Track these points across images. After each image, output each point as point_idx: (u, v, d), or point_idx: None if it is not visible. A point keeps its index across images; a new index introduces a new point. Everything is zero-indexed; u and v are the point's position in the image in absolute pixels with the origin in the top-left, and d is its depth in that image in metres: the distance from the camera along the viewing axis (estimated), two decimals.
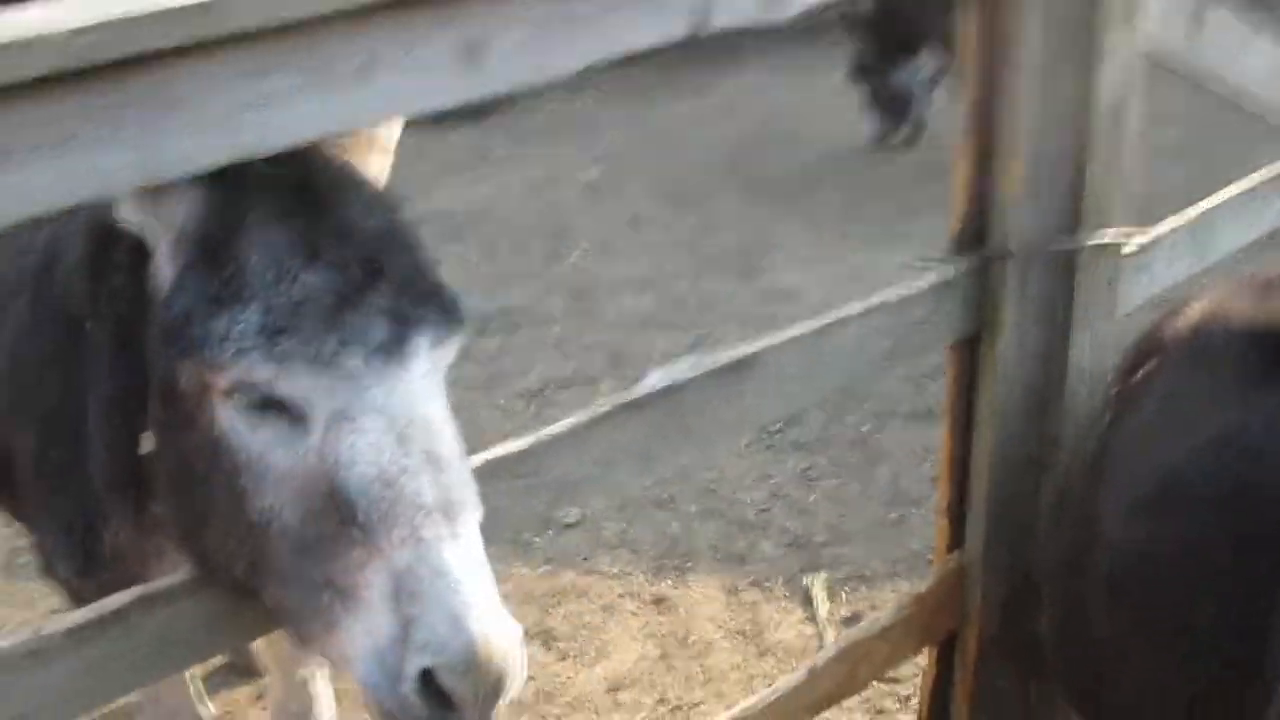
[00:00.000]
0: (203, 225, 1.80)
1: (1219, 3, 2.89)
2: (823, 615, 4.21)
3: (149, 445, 1.97)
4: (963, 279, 2.70)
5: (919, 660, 3.46)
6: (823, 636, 4.10)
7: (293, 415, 1.74)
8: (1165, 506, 2.35)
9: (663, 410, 2.34)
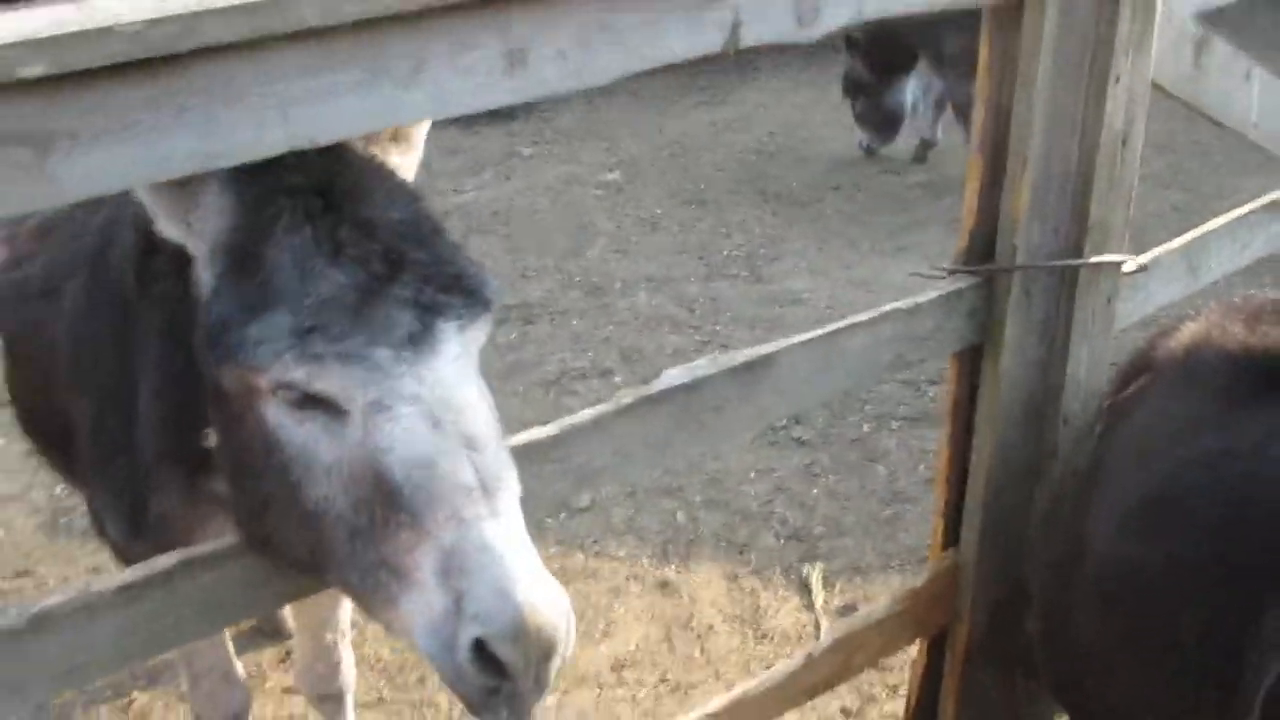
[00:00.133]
0: (233, 235, 1.80)
1: (1221, 37, 2.89)
2: (818, 604, 4.21)
3: (211, 440, 1.97)
4: (969, 291, 2.70)
5: (908, 651, 3.46)
6: (818, 624, 4.10)
7: (333, 409, 1.74)
8: (1153, 520, 2.35)
9: (681, 405, 2.33)
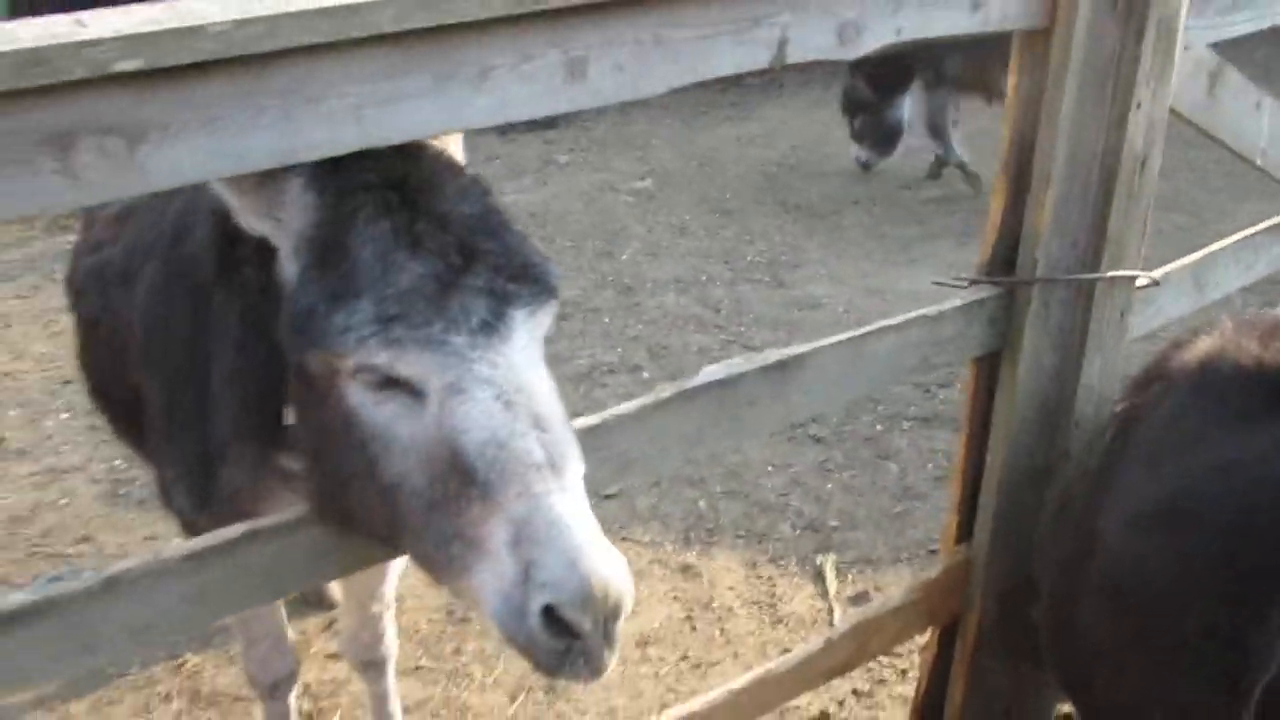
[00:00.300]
0: (317, 229, 1.81)
1: (1234, 67, 2.86)
2: (831, 592, 4.19)
3: (290, 419, 1.98)
4: (991, 301, 2.67)
5: (916, 639, 3.44)
6: (831, 611, 4.09)
7: (411, 391, 1.75)
8: (1164, 523, 2.32)
9: (716, 400, 2.32)
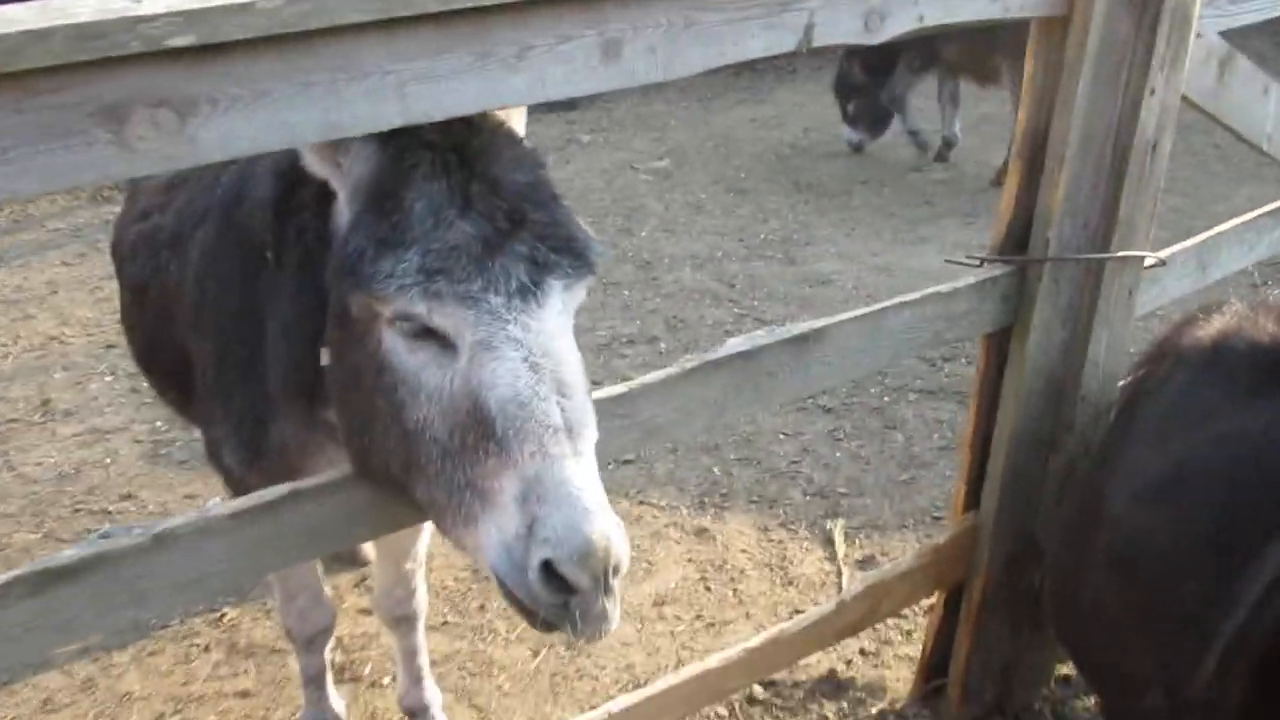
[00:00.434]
0: (376, 178, 1.79)
1: (1242, 54, 2.81)
2: (840, 555, 4.17)
3: (326, 359, 1.97)
4: (1003, 278, 2.65)
5: (924, 601, 3.43)
6: (839, 574, 4.07)
7: (444, 342, 1.75)
8: (1167, 493, 2.29)
9: (739, 370, 2.30)
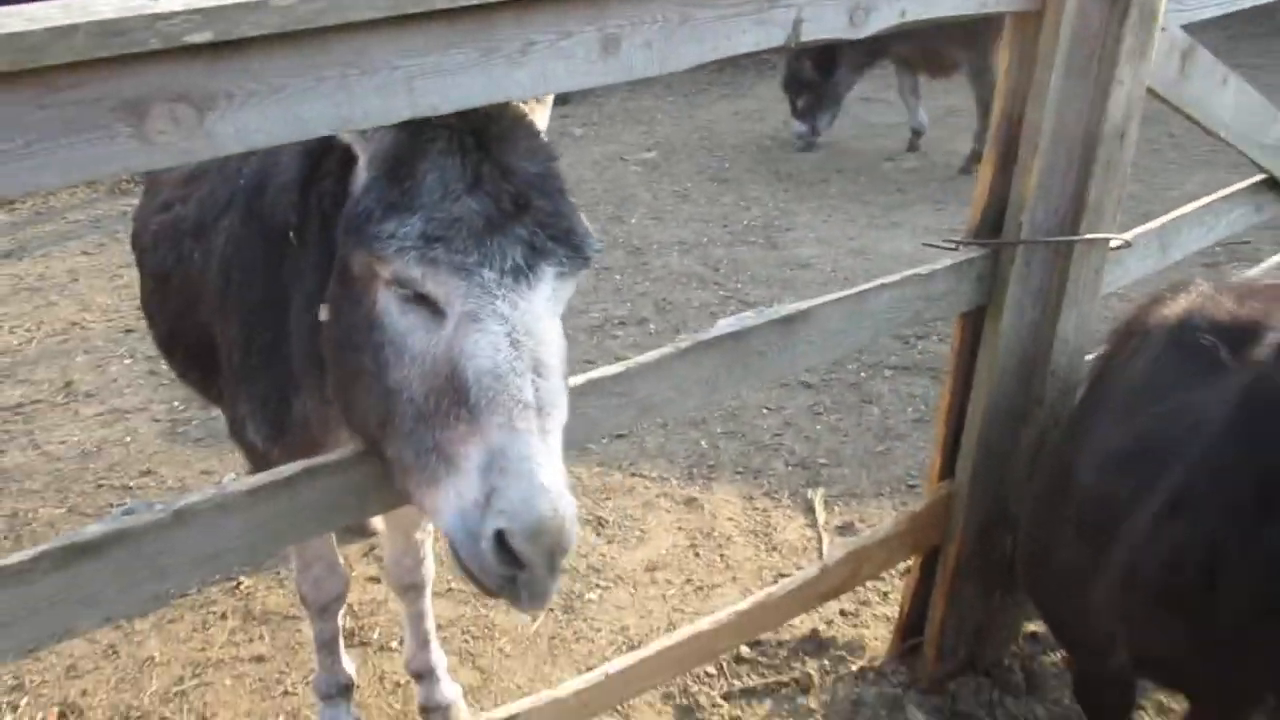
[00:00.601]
0: (395, 148, 1.76)
1: (1202, 46, 2.79)
2: (821, 523, 4.17)
3: (324, 315, 1.94)
4: (979, 260, 2.63)
5: (901, 565, 3.42)
6: (820, 539, 4.07)
7: (434, 309, 1.72)
8: (1129, 463, 2.29)
9: (730, 350, 2.28)
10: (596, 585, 3.88)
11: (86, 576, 1.68)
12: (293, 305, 2.14)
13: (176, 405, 5.15)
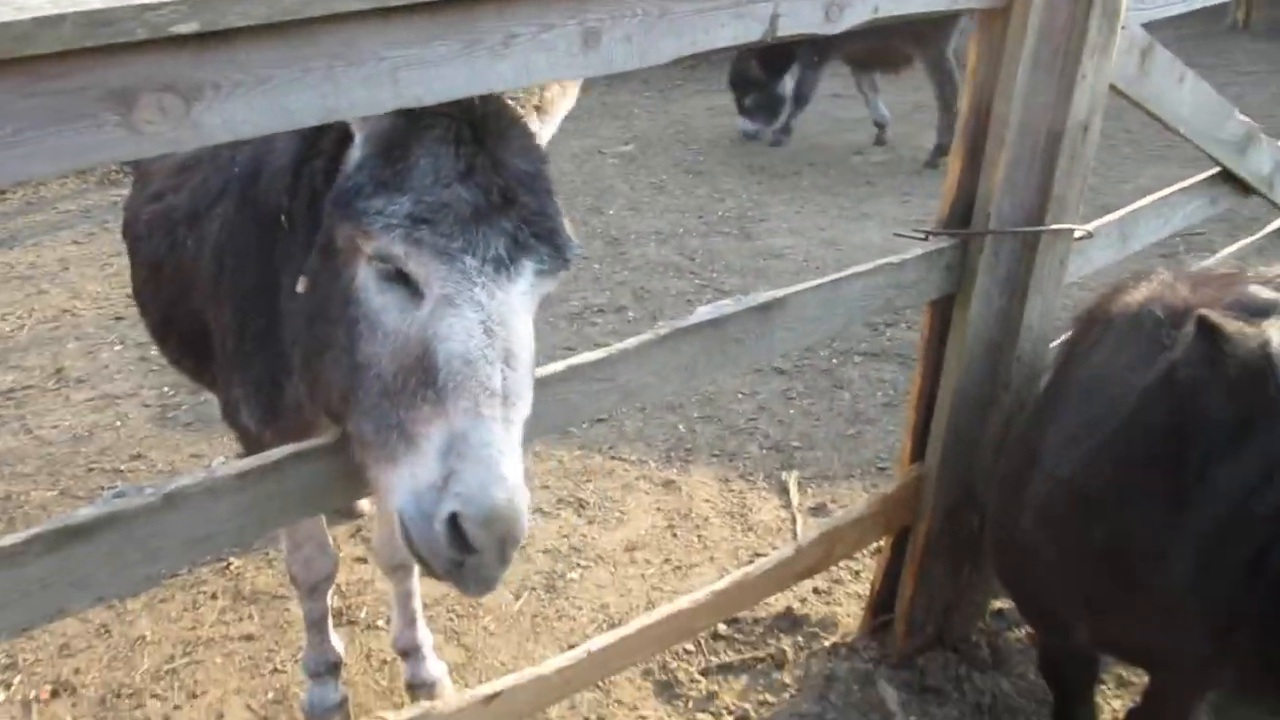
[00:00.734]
0: (391, 129, 1.73)
1: (1161, 44, 2.78)
2: (794, 503, 4.16)
3: (301, 287, 1.91)
4: (948, 250, 2.62)
5: (873, 545, 3.42)
6: (794, 520, 4.06)
7: (413, 290, 1.70)
8: (1087, 446, 2.28)
9: (709, 337, 2.27)
10: (578, 565, 3.86)
11: (78, 559, 1.65)
12: (283, 290, 2.10)
13: (166, 390, 5.10)
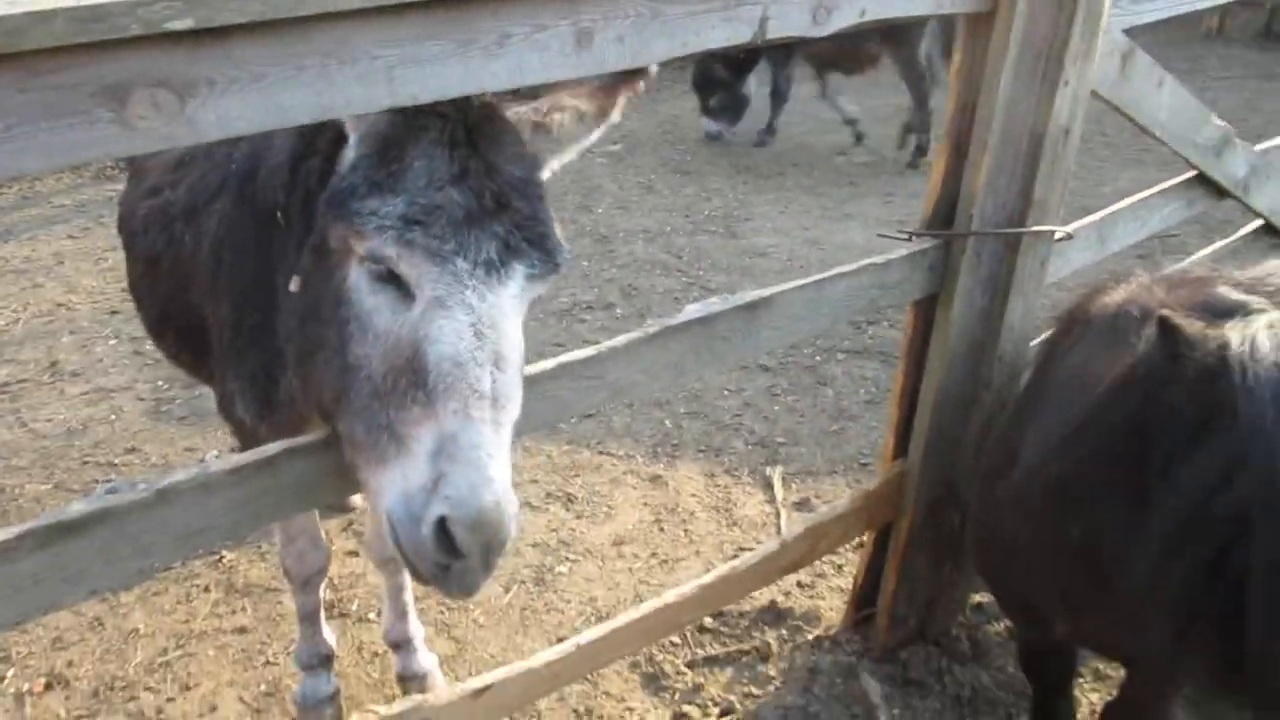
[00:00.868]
0: (388, 129, 1.71)
1: (1141, 50, 2.78)
2: (779, 499, 4.15)
3: (294, 286, 1.89)
4: (931, 251, 2.61)
5: (856, 540, 3.42)
6: (779, 515, 4.05)
7: (404, 291, 1.68)
8: (1067, 445, 2.27)
9: (697, 335, 2.25)
10: (566, 559, 3.84)
11: (71, 554, 1.63)
12: (279, 286, 2.08)
13: (160, 384, 5.06)
